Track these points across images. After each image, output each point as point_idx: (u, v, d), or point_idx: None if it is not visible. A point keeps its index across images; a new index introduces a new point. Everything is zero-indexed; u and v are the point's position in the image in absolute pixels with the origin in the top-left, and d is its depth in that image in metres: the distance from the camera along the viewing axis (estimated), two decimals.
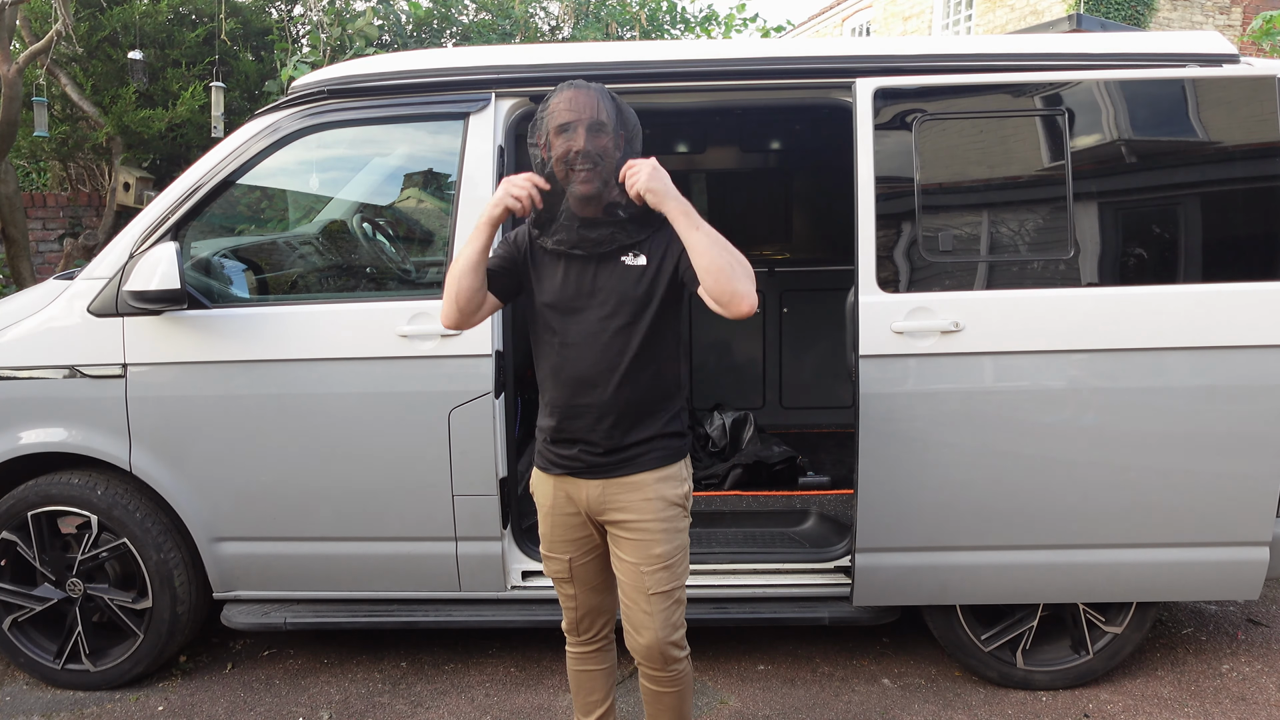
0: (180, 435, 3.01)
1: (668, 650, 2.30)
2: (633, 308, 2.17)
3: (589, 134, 2.08)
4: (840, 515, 3.55)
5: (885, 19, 18.49)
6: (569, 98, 2.11)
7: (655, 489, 2.23)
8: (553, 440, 2.27)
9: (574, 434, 2.23)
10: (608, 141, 2.10)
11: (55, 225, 6.70)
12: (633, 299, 2.17)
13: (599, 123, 2.10)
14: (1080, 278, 2.83)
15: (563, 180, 2.12)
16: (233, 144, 3.06)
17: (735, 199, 5.30)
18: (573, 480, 2.27)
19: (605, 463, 2.23)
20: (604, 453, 2.22)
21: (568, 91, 2.13)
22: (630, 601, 2.28)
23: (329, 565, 3.10)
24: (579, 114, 2.09)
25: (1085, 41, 3.05)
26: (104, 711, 3.12)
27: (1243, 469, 2.83)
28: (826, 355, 5.17)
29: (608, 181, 2.10)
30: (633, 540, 2.24)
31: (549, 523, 2.34)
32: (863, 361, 2.84)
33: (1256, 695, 3.16)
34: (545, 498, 2.33)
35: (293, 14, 6.97)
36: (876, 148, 2.85)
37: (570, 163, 2.09)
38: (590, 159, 2.08)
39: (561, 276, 2.21)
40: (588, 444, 2.23)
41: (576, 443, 2.23)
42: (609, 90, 2.15)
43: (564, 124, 2.09)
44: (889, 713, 3.08)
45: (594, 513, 2.28)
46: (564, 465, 2.27)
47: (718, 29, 8.69)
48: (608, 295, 2.18)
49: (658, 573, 2.24)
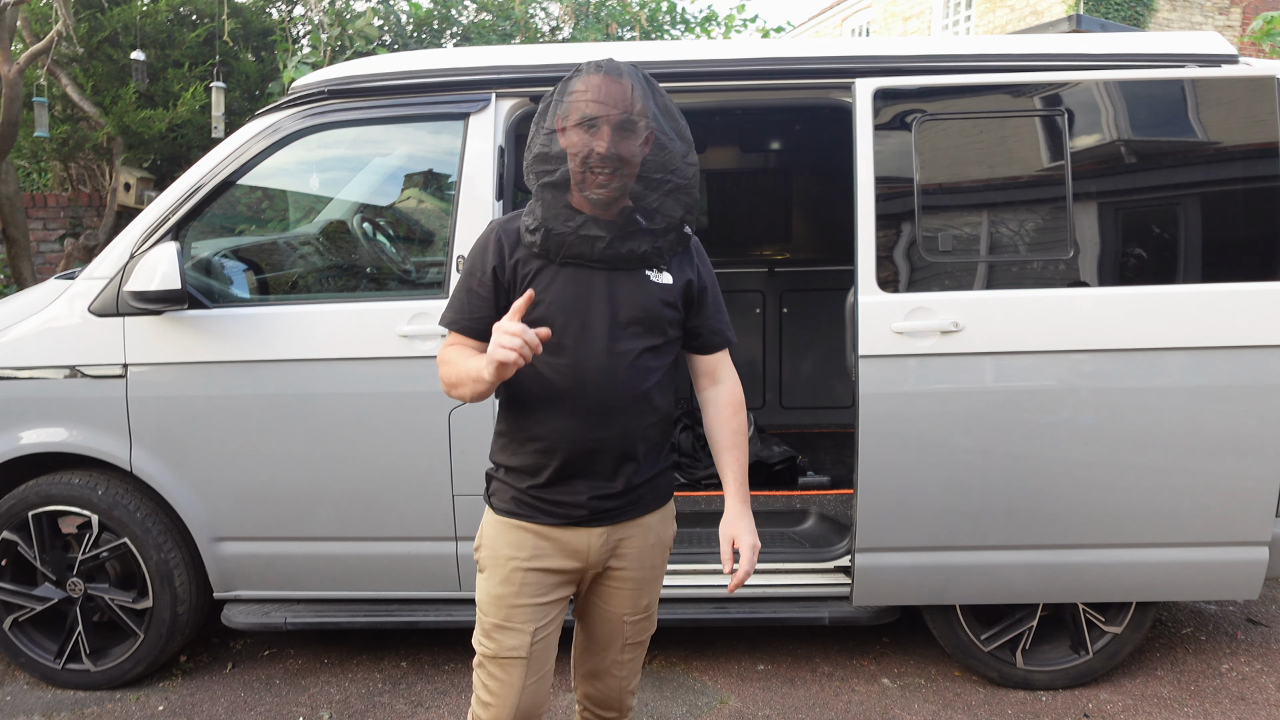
0: (181, 435, 3.01)
1: (626, 699, 2.10)
2: (661, 327, 1.90)
3: (616, 134, 1.76)
4: (840, 515, 3.56)
5: (885, 19, 18.49)
6: (598, 85, 1.77)
7: (657, 532, 2.00)
8: (548, 483, 1.87)
9: (583, 473, 1.88)
10: (636, 144, 1.79)
11: (56, 225, 6.71)
12: (661, 319, 1.89)
13: (629, 121, 1.77)
14: (1080, 278, 2.84)
15: (576, 176, 1.79)
16: (233, 144, 3.07)
17: (735, 199, 5.31)
18: (571, 529, 1.90)
19: (617, 506, 1.91)
20: (620, 493, 1.90)
21: (596, 77, 1.78)
22: (598, 652, 2.04)
23: (329, 565, 3.11)
24: (608, 108, 1.76)
25: (1085, 42, 3.05)
26: (104, 711, 3.12)
27: (1242, 469, 2.83)
28: (826, 355, 5.18)
29: (627, 185, 1.81)
30: (624, 590, 1.98)
31: (515, 583, 1.87)
32: (862, 361, 2.85)
33: (1256, 695, 3.16)
34: (516, 549, 1.89)
35: (293, 14, 6.97)
36: (876, 148, 2.85)
37: (589, 164, 1.77)
38: (612, 163, 1.76)
39: (569, 284, 1.85)
40: (602, 485, 1.89)
41: (585, 484, 1.88)
42: (645, 74, 1.84)
43: (589, 118, 1.76)
44: (889, 713, 3.08)
45: (597, 565, 1.95)
46: (562, 514, 1.89)
47: (718, 29, 8.69)
48: (634, 311, 1.86)
49: (640, 623, 2.03)
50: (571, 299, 1.84)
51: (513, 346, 1.63)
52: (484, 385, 1.73)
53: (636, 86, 1.79)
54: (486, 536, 1.94)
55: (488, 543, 1.94)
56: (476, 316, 1.88)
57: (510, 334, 1.64)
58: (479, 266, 1.88)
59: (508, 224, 1.90)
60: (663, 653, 3.45)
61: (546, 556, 1.89)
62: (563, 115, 1.79)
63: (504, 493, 1.93)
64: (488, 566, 1.92)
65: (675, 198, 1.86)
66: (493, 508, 1.95)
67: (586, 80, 1.78)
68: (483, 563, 1.94)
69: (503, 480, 1.94)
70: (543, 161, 1.82)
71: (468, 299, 1.89)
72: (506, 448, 1.93)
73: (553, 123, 1.81)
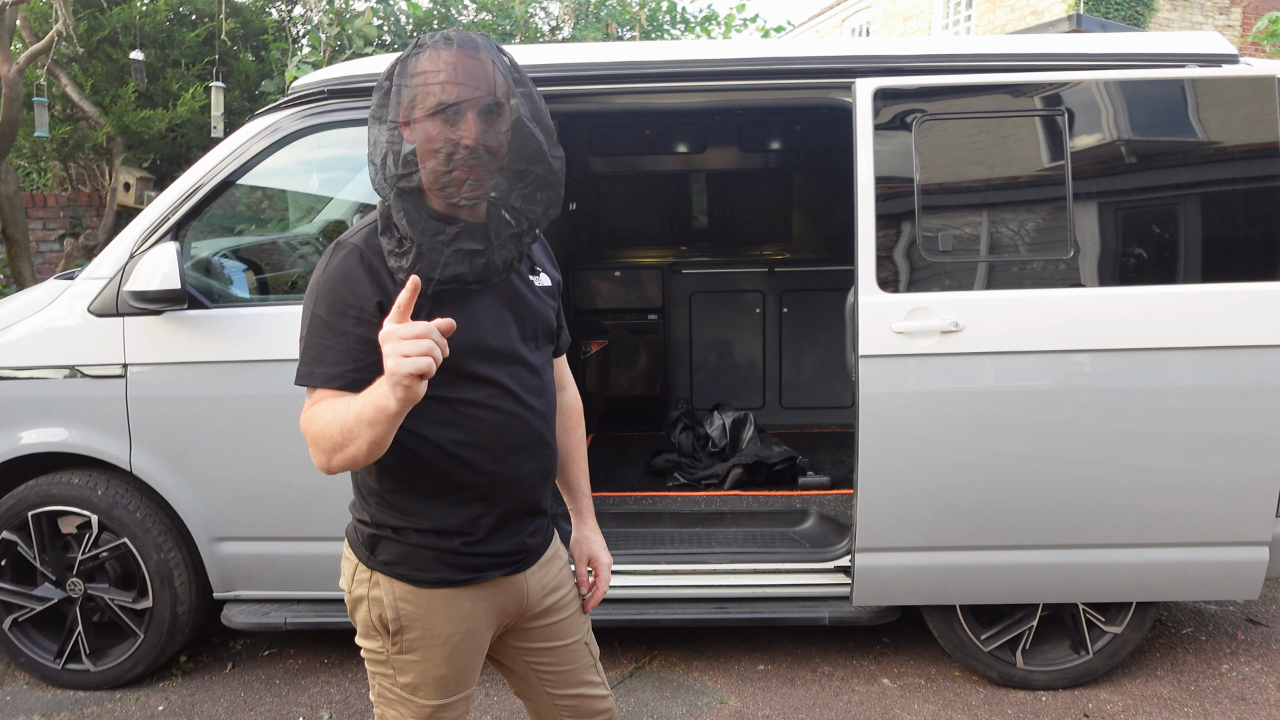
0: (181, 435, 3.01)
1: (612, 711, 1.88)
2: (552, 334, 1.71)
3: (483, 121, 1.44)
4: (840, 515, 3.56)
5: (885, 19, 18.49)
6: (453, 63, 1.42)
7: (558, 545, 1.80)
8: (486, 537, 1.58)
9: (521, 514, 1.63)
10: (503, 130, 1.46)
11: (55, 225, 6.71)
12: (552, 327, 1.69)
13: (496, 104, 1.44)
14: (1080, 278, 2.84)
15: (437, 177, 1.45)
16: (233, 144, 3.07)
17: (735, 199, 5.31)
18: (509, 580, 1.65)
19: (544, 535, 1.71)
20: (544, 520, 1.71)
21: (448, 53, 1.43)
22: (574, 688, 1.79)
23: (329, 565, 3.09)
24: (469, 90, 1.42)
25: (1085, 42, 3.05)
26: (104, 711, 3.12)
27: (1242, 469, 2.83)
28: (826, 355, 5.18)
29: (499, 182, 1.48)
30: (569, 617, 1.77)
31: (461, 657, 1.62)
32: (863, 361, 2.84)
33: (1256, 695, 3.16)
34: (457, 623, 1.60)
35: (293, 14, 6.97)
36: (876, 148, 2.85)
37: (455, 161, 1.44)
38: (481, 157, 1.44)
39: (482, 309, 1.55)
40: (533, 519, 1.66)
41: (520, 524, 1.64)
42: (496, 43, 1.52)
43: (445, 105, 1.42)
44: (889, 713, 3.08)
45: (531, 609, 1.71)
46: (503, 563, 1.63)
47: (718, 29, 8.69)
48: (534, 326, 1.63)
49: (591, 632, 1.85)
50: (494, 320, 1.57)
51: (423, 350, 1.23)
52: (386, 424, 1.30)
53: (495, 60, 1.45)
54: (409, 616, 1.57)
55: (415, 623, 1.58)
56: (363, 365, 1.44)
57: (415, 336, 1.23)
58: (348, 301, 1.45)
59: (369, 242, 1.49)
60: (663, 653, 3.45)
61: (487, 615, 1.64)
62: (408, 104, 1.44)
63: (419, 559, 1.57)
64: (420, 648, 1.59)
65: (543, 191, 1.53)
66: (410, 581, 1.57)
67: (435, 57, 1.43)
68: (409, 646, 1.59)
69: (415, 545, 1.56)
70: (400, 164, 1.45)
71: (341, 343, 1.45)
72: (415, 505, 1.56)
73: (396, 114, 1.46)
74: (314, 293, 1.50)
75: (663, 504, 3.77)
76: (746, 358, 5.25)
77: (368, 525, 1.61)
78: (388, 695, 1.65)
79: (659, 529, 3.55)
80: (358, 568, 1.63)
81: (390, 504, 1.57)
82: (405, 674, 1.62)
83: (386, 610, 1.58)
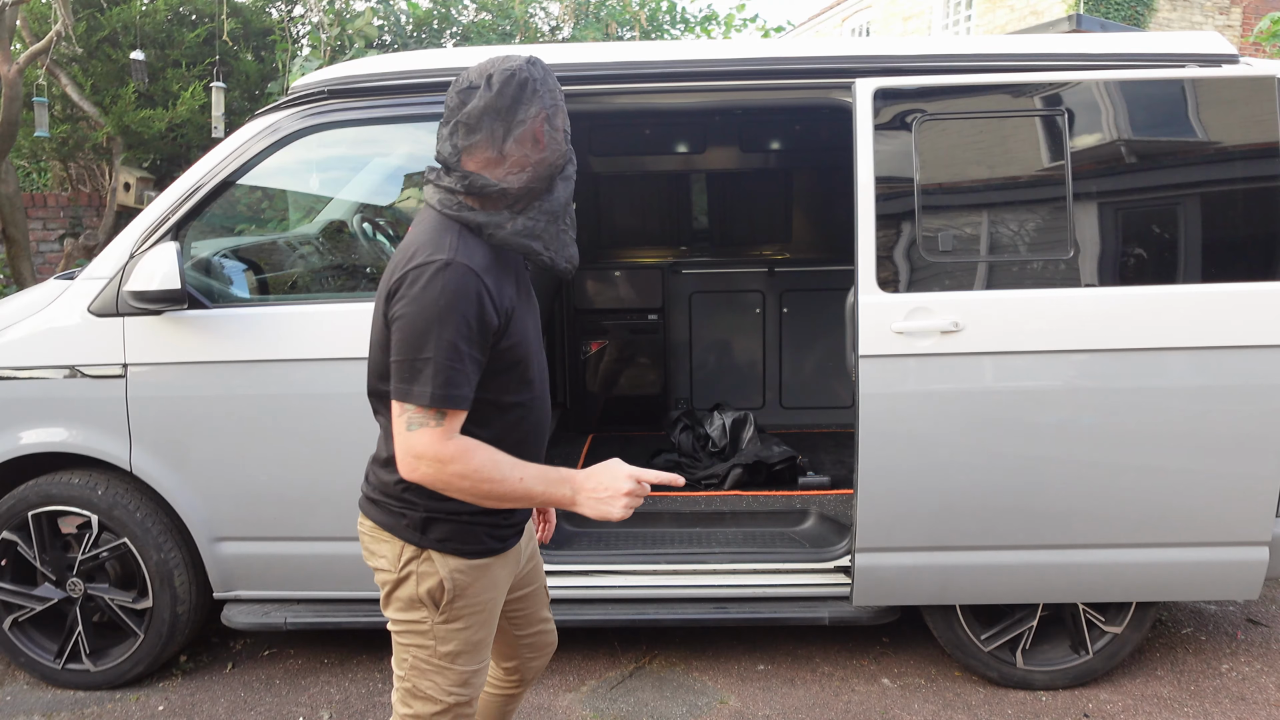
0: (181, 435, 3.01)
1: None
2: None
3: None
4: (840, 515, 3.56)
5: (885, 19, 18.49)
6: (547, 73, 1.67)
7: None
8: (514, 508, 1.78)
9: None
10: None
11: (55, 225, 6.70)
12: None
13: None
14: (1080, 278, 2.84)
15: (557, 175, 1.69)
16: (233, 144, 3.07)
17: (735, 199, 5.31)
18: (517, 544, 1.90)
19: None
20: None
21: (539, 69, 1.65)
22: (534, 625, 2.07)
23: (329, 565, 3.10)
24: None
25: (1085, 42, 3.05)
26: (104, 711, 3.12)
27: (1242, 469, 2.83)
28: (826, 355, 5.18)
29: None
30: (536, 564, 2.05)
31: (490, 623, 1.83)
32: (863, 361, 2.85)
33: (1256, 695, 3.16)
34: (495, 588, 1.82)
35: (293, 14, 6.97)
36: (876, 148, 2.85)
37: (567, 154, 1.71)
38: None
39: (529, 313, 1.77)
40: None
41: None
42: None
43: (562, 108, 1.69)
44: (889, 713, 3.08)
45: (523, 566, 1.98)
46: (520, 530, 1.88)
47: (718, 29, 8.69)
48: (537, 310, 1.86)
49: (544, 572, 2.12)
50: (532, 328, 1.76)
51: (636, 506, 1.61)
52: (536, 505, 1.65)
53: None
54: (460, 585, 1.75)
55: (466, 592, 1.76)
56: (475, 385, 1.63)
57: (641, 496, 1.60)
58: (472, 325, 1.58)
59: (472, 260, 1.60)
60: (663, 653, 3.45)
61: (507, 579, 1.87)
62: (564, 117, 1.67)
63: (472, 534, 1.75)
64: (465, 615, 1.77)
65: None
66: (457, 553, 1.75)
67: (544, 72, 1.65)
68: (456, 614, 1.76)
69: (469, 523, 1.74)
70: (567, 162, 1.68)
71: (468, 367, 1.59)
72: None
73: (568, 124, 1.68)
74: (436, 314, 1.56)
75: (662, 504, 3.77)
76: (746, 358, 5.25)
77: (418, 510, 1.73)
78: (424, 666, 1.78)
79: (659, 529, 3.55)
80: (404, 548, 1.75)
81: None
82: (448, 643, 1.77)
83: (443, 582, 1.74)
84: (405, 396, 1.58)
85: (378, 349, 1.68)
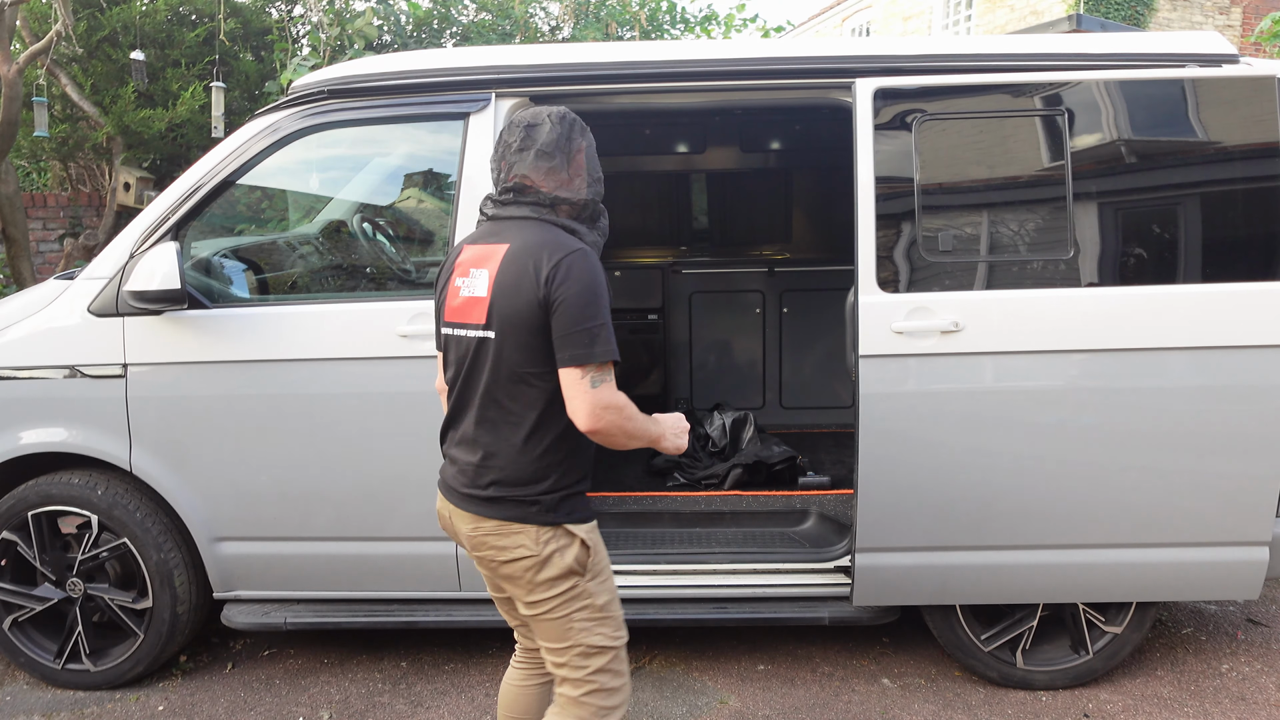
0: (180, 435, 3.01)
1: None
2: None
3: None
4: (840, 515, 3.56)
5: (885, 19, 18.49)
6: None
7: None
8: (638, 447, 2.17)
9: None
10: None
11: (55, 225, 6.70)
12: None
13: None
14: (1080, 278, 2.84)
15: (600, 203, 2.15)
16: (233, 144, 3.07)
17: (735, 199, 5.31)
18: None
19: None
20: None
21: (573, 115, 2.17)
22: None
23: (329, 565, 3.10)
24: None
25: (1085, 41, 3.05)
26: (104, 711, 3.12)
27: (1243, 469, 2.83)
28: (826, 355, 5.18)
29: None
30: None
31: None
32: (863, 361, 2.84)
33: (1256, 695, 3.16)
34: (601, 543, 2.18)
35: (293, 14, 6.97)
36: (876, 148, 2.85)
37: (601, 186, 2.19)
38: None
39: None
40: None
41: None
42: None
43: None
44: (889, 713, 3.08)
45: None
46: None
47: (718, 29, 8.69)
48: None
49: None
50: None
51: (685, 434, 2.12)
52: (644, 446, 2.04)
53: None
54: (595, 543, 2.07)
55: (597, 548, 2.08)
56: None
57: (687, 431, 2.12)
58: (608, 296, 1.99)
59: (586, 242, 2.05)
60: (663, 653, 3.45)
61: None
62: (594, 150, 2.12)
63: (584, 503, 2.09)
64: (601, 567, 2.08)
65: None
66: (584, 519, 2.07)
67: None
68: (596, 569, 2.07)
69: (581, 493, 2.08)
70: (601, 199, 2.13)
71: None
72: (576, 465, 2.06)
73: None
74: (595, 288, 1.94)
75: (663, 504, 3.77)
76: (746, 358, 5.25)
77: (551, 493, 2.01)
78: (589, 624, 2.04)
79: (659, 529, 3.55)
80: (539, 531, 2.00)
81: (565, 468, 2.02)
82: (600, 596, 2.06)
83: (585, 545, 2.03)
84: (588, 359, 1.89)
85: (525, 333, 1.92)
